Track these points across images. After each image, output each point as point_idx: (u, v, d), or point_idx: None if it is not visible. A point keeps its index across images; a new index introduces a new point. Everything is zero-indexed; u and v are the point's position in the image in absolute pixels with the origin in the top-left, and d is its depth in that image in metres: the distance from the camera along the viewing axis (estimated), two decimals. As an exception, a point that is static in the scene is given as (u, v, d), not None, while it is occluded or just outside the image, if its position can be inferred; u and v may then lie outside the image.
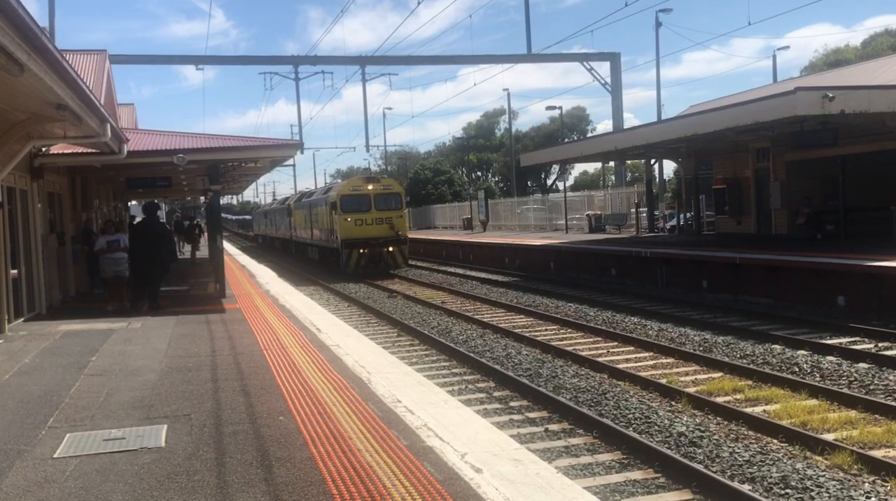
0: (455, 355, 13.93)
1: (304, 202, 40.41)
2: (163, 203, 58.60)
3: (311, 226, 37.21)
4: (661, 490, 7.38)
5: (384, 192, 31.16)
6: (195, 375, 8.82)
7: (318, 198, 36.37)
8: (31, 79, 8.14)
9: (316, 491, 5.01)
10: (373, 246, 30.57)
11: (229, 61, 53.33)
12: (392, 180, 34.21)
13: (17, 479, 5.50)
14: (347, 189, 31.38)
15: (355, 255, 30.52)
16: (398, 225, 31.11)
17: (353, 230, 30.41)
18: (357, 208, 30.60)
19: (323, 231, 34.18)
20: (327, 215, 32.59)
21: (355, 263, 30.56)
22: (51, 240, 17.13)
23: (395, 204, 31.35)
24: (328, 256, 33.87)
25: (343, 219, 30.38)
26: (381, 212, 30.88)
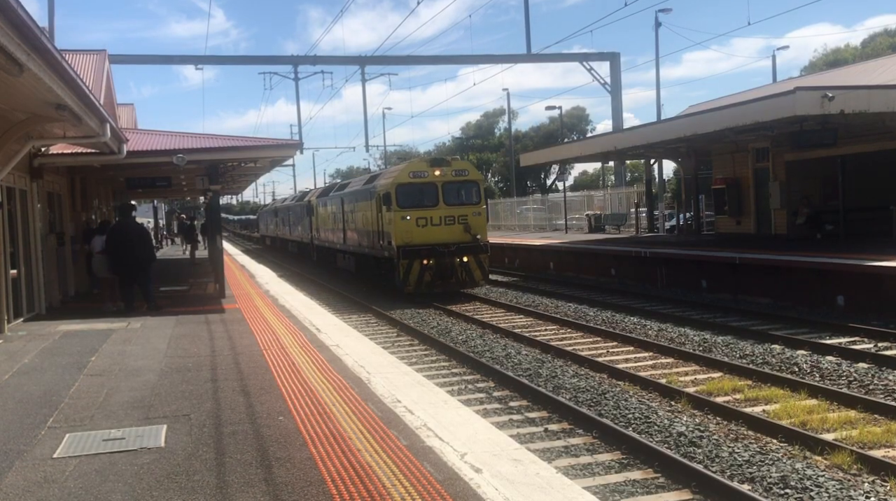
0: (455, 355, 13.93)
1: (334, 196, 31.57)
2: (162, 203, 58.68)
3: (345, 228, 28.84)
4: (660, 490, 7.38)
5: (456, 180, 22.51)
6: (195, 375, 8.82)
7: (356, 189, 27.57)
8: (30, 79, 8.14)
9: (316, 491, 5.01)
10: (441, 255, 21.87)
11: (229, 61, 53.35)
12: (467, 163, 24.63)
13: (16, 479, 5.49)
14: (406, 176, 22.37)
15: (416, 268, 21.76)
16: (476, 225, 22.46)
17: (413, 233, 21.88)
18: (419, 202, 22.16)
19: (364, 234, 25.58)
20: (372, 212, 24.20)
21: (416, 279, 21.83)
22: (50, 240, 17.13)
23: (471, 196, 22.72)
24: (371, 268, 25.43)
25: (400, 218, 21.91)
26: (452, 208, 22.34)
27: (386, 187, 22.64)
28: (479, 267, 22.54)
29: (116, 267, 15.30)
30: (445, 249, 21.92)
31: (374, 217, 24.08)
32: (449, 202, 22.40)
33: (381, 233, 23.32)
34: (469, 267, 22.25)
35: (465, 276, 22.27)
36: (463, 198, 22.68)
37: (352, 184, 30.08)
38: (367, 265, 26.06)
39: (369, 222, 24.78)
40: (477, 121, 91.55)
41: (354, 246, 27.49)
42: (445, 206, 22.33)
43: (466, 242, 22.27)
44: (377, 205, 23.49)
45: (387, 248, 22.80)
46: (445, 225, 22.25)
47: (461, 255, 22.14)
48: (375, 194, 23.73)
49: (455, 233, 22.25)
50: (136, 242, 15.30)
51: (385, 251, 23.04)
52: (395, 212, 22.04)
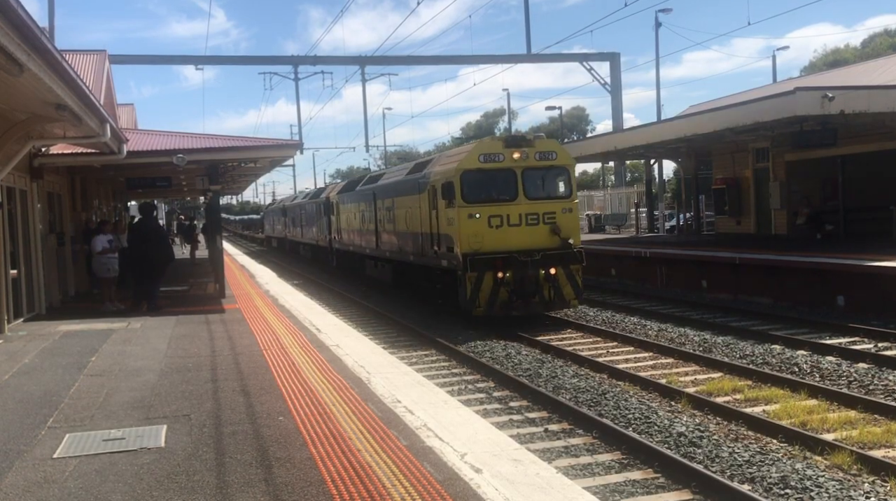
0: (454, 355, 13.93)
1: (363, 191, 25.87)
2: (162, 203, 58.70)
3: (379, 229, 23.36)
4: (660, 490, 7.38)
5: (541, 165, 16.94)
6: (195, 375, 8.82)
7: (395, 180, 22.08)
8: (30, 79, 8.14)
9: (316, 492, 5.01)
10: (521, 265, 16.35)
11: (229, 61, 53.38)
12: (554, 142, 18.61)
13: (16, 479, 5.49)
14: (474, 160, 16.74)
15: (488, 283, 16.30)
16: (567, 226, 16.93)
17: (484, 236, 16.50)
18: (492, 195, 16.79)
19: (408, 237, 20.28)
20: (422, 209, 18.90)
21: (488, 298, 16.31)
22: (50, 240, 17.14)
23: (560, 186, 17.32)
24: (419, 281, 20.16)
25: (466, 217, 16.44)
26: (535, 203, 16.78)
27: (445, 175, 17.19)
28: (571, 281, 16.75)
29: (134, 266, 15.41)
30: (527, 258, 16.36)
31: (423, 215, 18.69)
32: (531, 195, 16.77)
33: (436, 237, 17.80)
34: (558, 282, 16.59)
35: (551, 294, 16.57)
36: (549, 190, 17.13)
37: (388, 175, 24.11)
38: (412, 276, 20.66)
39: (416, 222, 19.33)
40: (477, 121, 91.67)
41: (393, 251, 21.94)
42: (527, 201, 16.68)
43: (554, 248, 16.60)
44: (430, 200, 18.18)
45: (445, 256, 17.30)
46: (527, 225, 16.61)
47: (547, 266, 16.49)
48: (427, 186, 18.35)
49: (539, 237, 16.65)
50: (155, 242, 15.47)
51: (442, 259, 17.53)
52: (459, 208, 16.43)
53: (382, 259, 23.51)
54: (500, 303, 16.41)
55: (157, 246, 15.59)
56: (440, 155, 20.21)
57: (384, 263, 23.51)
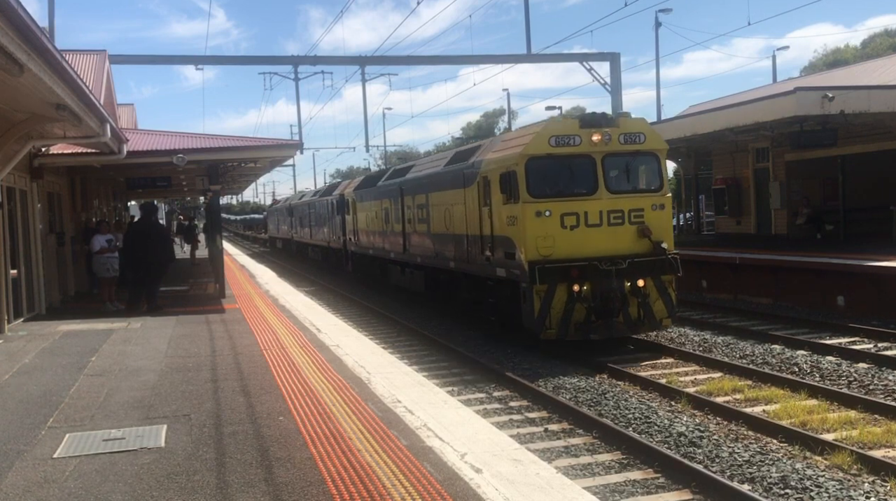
0: (455, 355, 13.92)
1: (386, 186, 22.56)
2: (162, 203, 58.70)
3: (407, 230, 20.38)
4: (660, 490, 7.38)
5: (626, 150, 13.81)
6: (195, 375, 8.82)
7: (431, 172, 18.79)
8: (30, 79, 8.15)
9: (316, 491, 5.01)
10: (603, 276, 13.26)
11: (229, 61, 53.33)
12: (641, 121, 14.60)
13: (16, 479, 5.50)
14: (543, 144, 13.49)
15: (561, 298, 13.15)
16: (658, 225, 13.84)
17: (556, 239, 13.32)
18: (565, 188, 13.66)
19: (448, 240, 17.21)
20: (468, 206, 15.86)
21: (561, 317, 13.17)
22: (50, 240, 17.15)
23: (648, 176, 14.16)
24: (464, 292, 17.04)
25: (533, 215, 13.32)
26: (619, 198, 13.68)
27: (504, 164, 13.92)
28: (663, 295, 13.56)
29: (133, 266, 15.37)
30: (610, 266, 13.17)
31: (470, 213, 15.61)
32: (614, 188, 13.62)
33: (489, 240, 14.66)
34: (647, 298, 13.40)
35: (639, 312, 13.38)
36: (636, 181, 14.00)
37: (418, 167, 20.70)
38: (452, 286, 17.65)
39: (460, 221, 16.28)
40: (477, 121, 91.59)
41: (426, 256, 18.74)
42: (609, 195, 13.50)
43: (643, 254, 13.49)
44: (480, 195, 15.06)
45: (502, 264, 14.15)
46: (609, 225, 13.47)
47: (634, 277, 13.34)
48: (476, 177, 15.21)
49: (624, 240, 13.51)
50: (156, 242, 15.44)
51: (498, 268, 14.33)
52: (524, 204, 13.26)
53: (412, 265, 20.27)
54: (576, 324, 13.09)
55: (160, 245, 15.59)
56: (491, 140, 16.71)
57: (414, 270, 20.26)
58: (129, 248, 15.45)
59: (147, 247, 15.22)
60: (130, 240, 15.57)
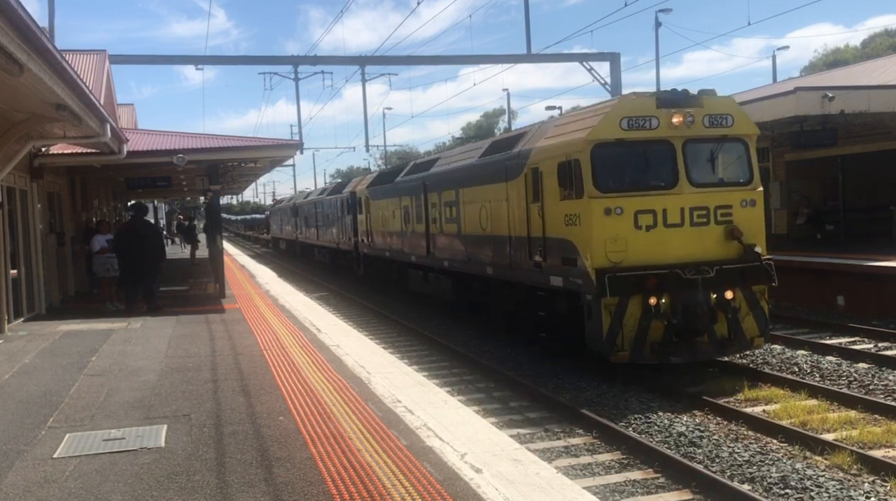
0: (455, 355, 13.91)
1: (406, 182, 20.58)
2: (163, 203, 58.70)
3: (432, 231, 18.31)
4: (660, 490, 7.38)
5: (712, 135, 11.82)
6: (195, 375, 8.82)
7: (462, 164, 16.60)
8: (30, 79, 8.15)
9: (316, 491, 5.01)
10: (686, 287, 11.13)
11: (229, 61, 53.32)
12: (728, 100, 12.24)
13: (16, 479, 5.50)
14: (613, 126, 11.37)
15: (635, 312, 11.02)
16: (749, 225, 11.77)
17: (629, 242, 11.26)
18: (639, 180, 11.65)
19: (485, 243, 15.07)
20: (512, 202, 13.71)
21: (634, 336, 11.00)
22: (50, 240, 17.15)
23: (737, 166, 12.12)
24: (500, 302, 15.09)
25: (601, 213, 11.25)
26: (704, 193, 11.65)
27: (564, 151, 11.74)
28: (754, 309, 11.48)
29: (125, 266, 15.35)
30: (695, 275, 11.03)
31: (515, 211, 13.47)
32: (698, 180, 11.53)
33: (539, 242, 12.50)
34: (737, 312, 11.28)
35: (728, 331, 11.23)
36: (723, 172, 11.95)
37: (445, 160, 18.35)
38: (490, 295, 15.52)
39: (500, 220, 14.13)
40: (477, 121, 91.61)
41: (455, 260, 16.74)
42: (692, 189, 11.44)
43: (732, 260, 11.39)
44: (527, 189, 12.89)
45: (558, 271, 11.97)
46: (692, 225, 11.39)
47: (722, 287, 11.18)
48: (523, 169, 13.03)
49: (710, 243, 11.43)
50: (148, 242, 15.40)
51: (552, 275, 12.17)
52: (589, 199, 11.14)
53: (437, 270, 18.31)
54: (653, 345, 10.98)
55: (151, 245, 15.51)
56: (541, 125, 14.15)
57: (440, 276, 18.27)
58: (121, 248, 15.38)
59: (138, 247, 15.14)
60: (121, 241, 15.48)
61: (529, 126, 14.92)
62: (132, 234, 15.41)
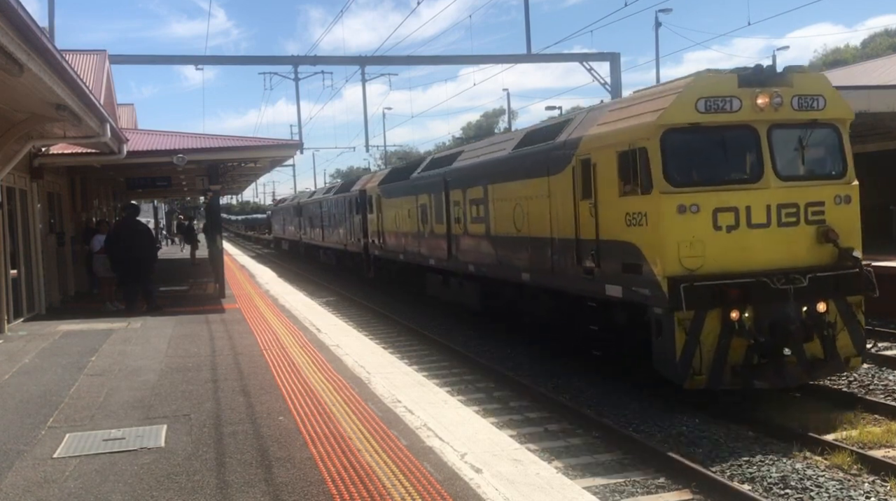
0: (455, 355, 13.91)
1: (423, 178, 19.11)
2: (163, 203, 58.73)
3: (455, 232, 16.82)
4: (661, 490, 7.38)
5: (801, 120, 9.97)
6: (195, 375, 8.82)
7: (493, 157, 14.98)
8: (30, 79, 8.15)
9: (316, 491, 5.01)
10: (775, 299, 9.34)
11: (229, 61, 53.35)
12: (819, 77, 10.45)
13: (16, 479, 5.50)
14: (688, 108, 9.56)
15: (713, 329, 9.26)
16: (844, 225, 10.04)
17: (707, 245, 9.50)
18: (719, 172, 9.87)
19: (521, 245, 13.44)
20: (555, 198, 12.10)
21: (713, 357, 9.26)
22: (50, 240, 17.15)
23: (829, 156, 10.37)
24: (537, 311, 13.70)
25: (673, 211, 9.47)
26: (792, 187, 9.87)
27: (627, 138, 10.10)
28: (849, 324, 9.91)
29: (118, 267, 15.35)
30: (785, 285, 9.42)
31: (559, 208, 11.84)
32: (786, 172, 9.94)
33: (590, 246, 10.92)
34: (831, 329, 9.64)
35: (823, 350, 9.60)
36: (813, 163, 10.27)
37: (469, 154, 16.82)
38: (524, 303, 14.04)
39: (541, 219, 12.48)
40: (477, 121, 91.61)
41: (483, 264, 15.14)
42: (780, 182, 9.84)
43: (825, 267, 9.86)
44: (576, 184, 11.26)
45: (617, 279, 10.36)
46: (780, 225, 9.81)
47: (813, 299, 9.61)
48: (570, 160, 11.40)
49: (800, 246, 9.88)
50: (139, 241, 15.40)
51: (608, 284, 10.58)
52: (659, 195, 9.57)
53: (461, 275, 16.75)
54: (734, 368, 9.35)
55: (143, 245, 15.51)
56: (590, 110, 12.09)
57: (464, 281, 16.77)
58: (113, 249, 15.38)
59: (130, 247, 15.15)
60: (114, 241, 15.48)
61: (574, 112, 13.34)
62: (124, 235, 15.40)
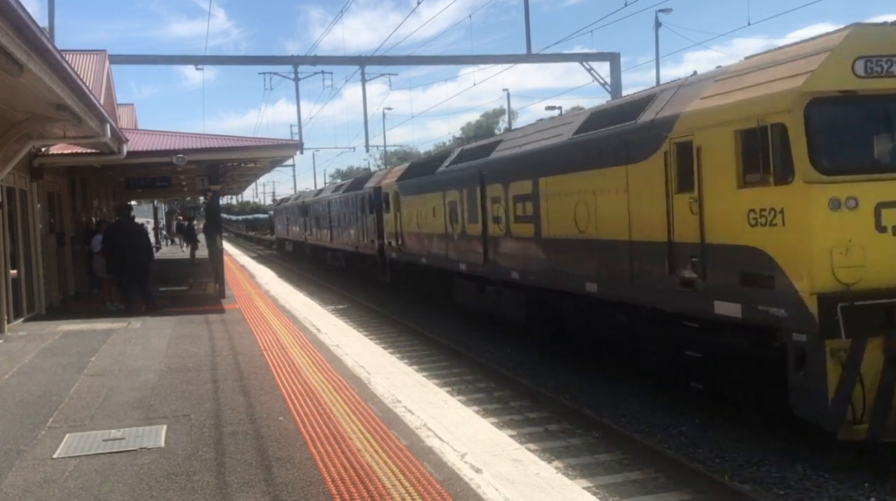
0: (455, 355, 13.91)
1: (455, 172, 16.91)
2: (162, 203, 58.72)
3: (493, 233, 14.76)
4: (661, 490, 7.38)
5: None
6: (195, 375, 8.82)
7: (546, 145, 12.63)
8: (30, 79, 8.15)
9: (316, 491, 5.01)
10: None
11: (229, 61, 53.31)
12: None
13: (16, 479, 5.50)
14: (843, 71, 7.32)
15: (875, 362, 7.14)
16: None
17: (867, 251, 7.27)
18: (883, 157, 7.58)
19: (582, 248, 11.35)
20: (633, 193, 9.89)
21: (875, 399, 7.13)
22: (50, 240, 17.15)
23: None
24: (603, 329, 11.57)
25: (824, 205, 7.26)
26: None
27: (755, 111, 7.82)
28: None
29: (115, 267, 15.34)
30: None
31: (643, 204, 9.80)
32: None
33: (692, 251, 8.81)
34: None
35: None
36: None
37: (511, 141, 14.63)
38: (589, 321, 11.83)
39: (615, 218, 10.42)
40: (477, 121, 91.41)
41: (533, 271, 13.00)
42: None
43: None
44: (669, 173, 9.18)
45: (734, 294, 8.23)
46: None
47: None
48: (661, 144, 9.31)
49: None
50: (135, 242, 15.39)
51: (721, 301, 8.41)
52: (804, 185, 7.40)
53: (502, 283, 14.60)
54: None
55: (139, 246, 15.50)
56: (686, 82, 9.63)
57: (504, 290, 14.64)
58: (109, 250, 15.37)
59: (126, 248, 15.13)
60: (110, 242, 15.47)
61: (662, 85, 10.55)
62: (118, 235, 15.40)
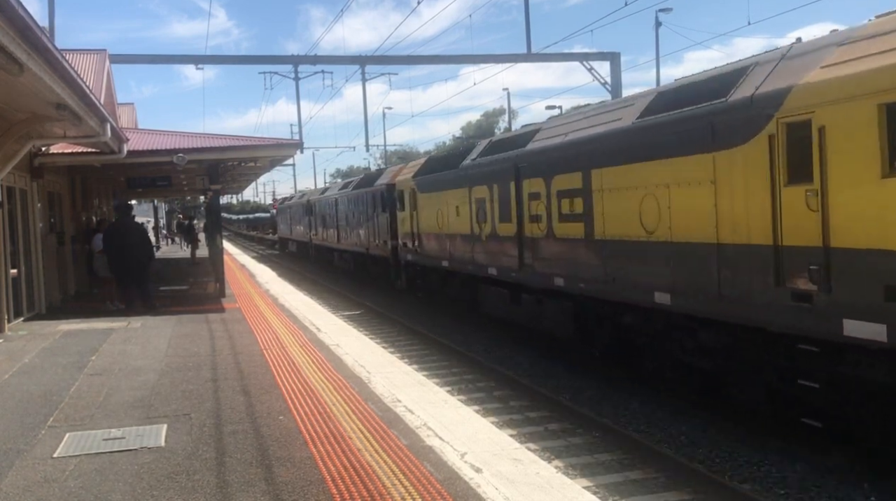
0: (455, 355, 13.92)
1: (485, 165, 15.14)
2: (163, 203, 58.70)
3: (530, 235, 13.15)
4: (661, 489, 7.38)
5: None
6: (195, 374, 8.82)
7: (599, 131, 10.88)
8: (30, 78, 8.15)
9: (316, 491, 5.01)
10: None
11: (229, 61, 53.29)
12: None
13: (17, 479, 5.50)
14: None
15: None
16: None
17: None
18: None
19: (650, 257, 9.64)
20: (724, 187, 8.17)
21: None
22: (50, 239, 17.14)
23: None
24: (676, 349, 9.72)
25: None
26: None
27: None
28: None
29: (115, 266, 15.34)
30: None
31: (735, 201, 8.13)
32: None
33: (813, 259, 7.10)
34: None
35: None
36: None
37: (555, 128, 12.79)
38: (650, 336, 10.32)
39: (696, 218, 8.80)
40: (477, 120, 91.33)
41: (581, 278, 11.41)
42: None
43: None
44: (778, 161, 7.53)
45: (875, 312, 6.47)
46: None
47: None
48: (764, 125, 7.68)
49: None
50: (135, 241, 15.39)
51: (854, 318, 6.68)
52: None
53: (542, 291, 13.00)
54: None
55: (138, 244, 15.50)
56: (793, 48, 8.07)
57: (545, 299, 12.98)
58: (109, 248, 15.36)
59: (125, 247, 15.13)
60: (109, 240, 15.46)
61: (764, 54, 8.67)
62: (118, 234, 15.39)
